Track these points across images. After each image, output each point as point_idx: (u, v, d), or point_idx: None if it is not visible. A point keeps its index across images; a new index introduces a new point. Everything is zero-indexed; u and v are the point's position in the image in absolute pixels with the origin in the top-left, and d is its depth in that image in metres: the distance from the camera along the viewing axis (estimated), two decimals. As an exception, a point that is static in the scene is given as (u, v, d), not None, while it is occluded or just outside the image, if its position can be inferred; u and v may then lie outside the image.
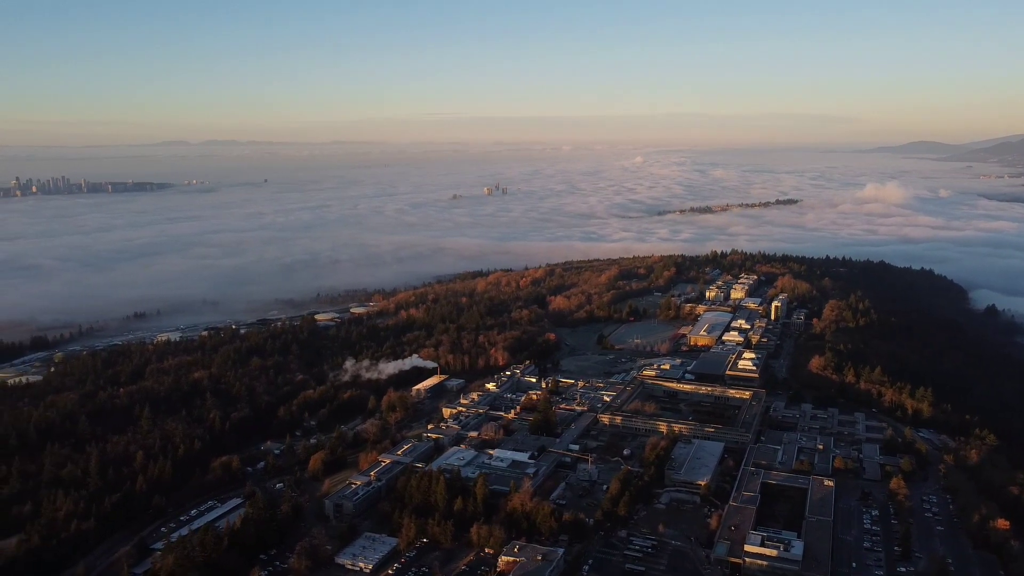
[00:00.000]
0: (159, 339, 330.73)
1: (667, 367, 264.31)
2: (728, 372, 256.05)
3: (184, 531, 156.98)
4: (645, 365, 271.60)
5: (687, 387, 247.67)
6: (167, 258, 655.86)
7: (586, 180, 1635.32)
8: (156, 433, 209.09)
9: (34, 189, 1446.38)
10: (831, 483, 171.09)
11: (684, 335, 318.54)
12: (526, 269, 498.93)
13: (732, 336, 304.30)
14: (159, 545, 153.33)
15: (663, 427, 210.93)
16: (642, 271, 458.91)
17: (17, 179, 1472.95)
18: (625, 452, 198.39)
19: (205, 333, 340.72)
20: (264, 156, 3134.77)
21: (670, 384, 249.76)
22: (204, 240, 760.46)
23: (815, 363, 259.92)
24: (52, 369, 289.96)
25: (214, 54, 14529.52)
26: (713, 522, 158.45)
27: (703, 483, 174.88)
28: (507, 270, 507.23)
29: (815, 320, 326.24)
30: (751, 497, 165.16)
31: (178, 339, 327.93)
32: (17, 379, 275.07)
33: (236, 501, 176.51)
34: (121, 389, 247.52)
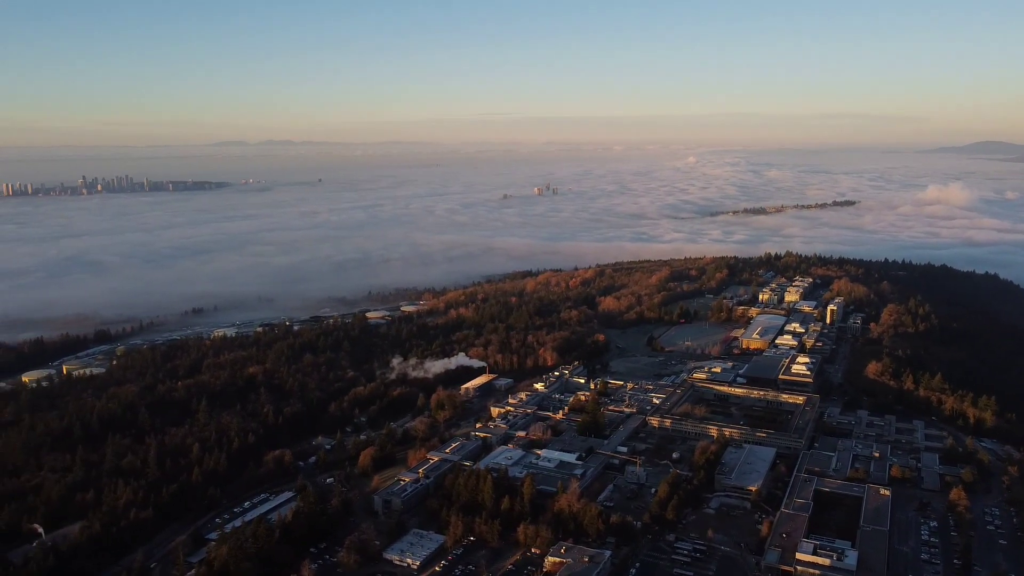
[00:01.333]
0: (216, 334, 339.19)
1: (718, 370, 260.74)
2: (781, 376, 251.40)
3: (238, 522, 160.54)
4: (696, 368, 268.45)
5: (739, 391, 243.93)
6: (224, 255, 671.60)
7: (637, 180, 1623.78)
8: (212, 426, 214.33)
9: (99, 188, 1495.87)
10: (887, 492, 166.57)
11: (736, 338, 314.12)
12: (576, 269, 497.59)
13: (786, 340, 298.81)
14: (213, 535, 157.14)
15: (713, 431, 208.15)
16: (694, 273, 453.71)
17: (84, 178, 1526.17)
18: (674, 455, 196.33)
19: (260, 329, 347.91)
20: (319, 156, 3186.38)
21: (721, 387, 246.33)
22: (259, 238, 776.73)
23: (872, 369, 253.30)
24: (114, 362, 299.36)
25: (272, 57, 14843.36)
26: (764, 529, 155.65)
27: (754, 488, 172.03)
28: (557, 270, 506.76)
29: (872, 325, 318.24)
30: (803, 504, 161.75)
31: (234, 335, 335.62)
32: (82, 371, 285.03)
33: (288, 494, 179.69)
34: (179, 382, 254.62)
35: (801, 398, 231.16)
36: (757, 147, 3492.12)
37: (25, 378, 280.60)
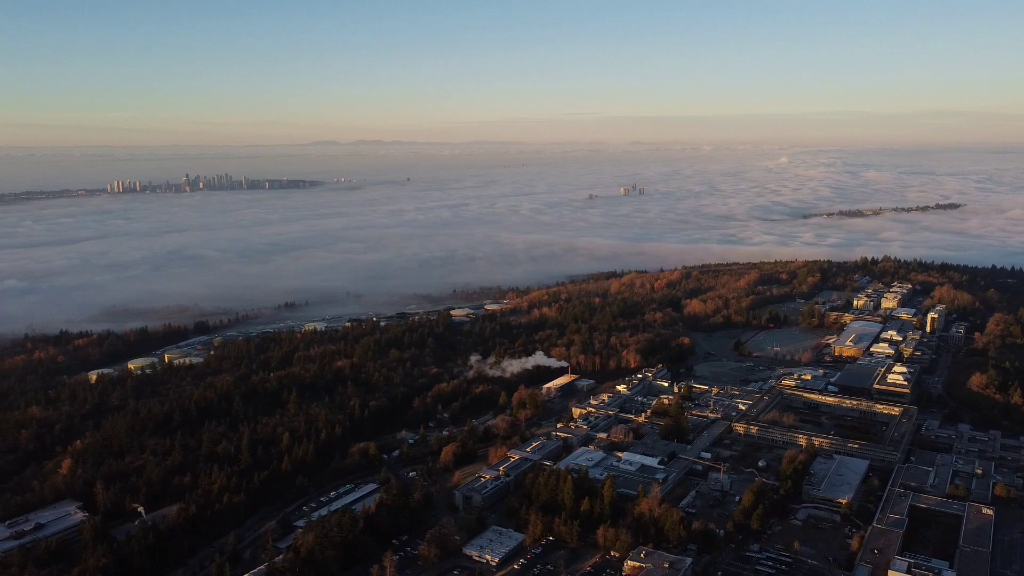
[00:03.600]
0: (306, 328, 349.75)
1: (808, 377, 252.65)
2: (876, 386, 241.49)
3: (324, 511, 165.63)
4: (784, 374, 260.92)
5: (830, 399, 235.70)
6: (315, 252, 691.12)
7: (726, 181, 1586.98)
8: (301, 417, 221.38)
9: (201, 185, 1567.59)
10: (990, 512, 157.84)
11: (828, 345, 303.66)
12: (661, 271, 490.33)
13: (881, 348, 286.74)
14: (301, 523, 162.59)
15: (802, 440, 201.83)
16: (784, 276, 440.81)
17: (187, 176, 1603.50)
18: (760, 463, 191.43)
19: (348, 324, 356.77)
20: (408, 155, 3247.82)
21: (811, 395, 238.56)
22: (349, 235, 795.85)
23: (976, 381, 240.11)
24: (212, 352, 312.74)
25: (364, 60, 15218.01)
26: (854, 543, 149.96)
27: (844, 501, 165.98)
28: (641, 271, 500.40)
29: (977, 334, 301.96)
30: (897, 520, 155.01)
31: (323, 329, 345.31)
32: (182, 360, 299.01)
33: (371, 486, 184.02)
34: (271, 374, 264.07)
35: (897, 409, 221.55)
36: (854, 147, 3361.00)
37: (131, 365, 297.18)
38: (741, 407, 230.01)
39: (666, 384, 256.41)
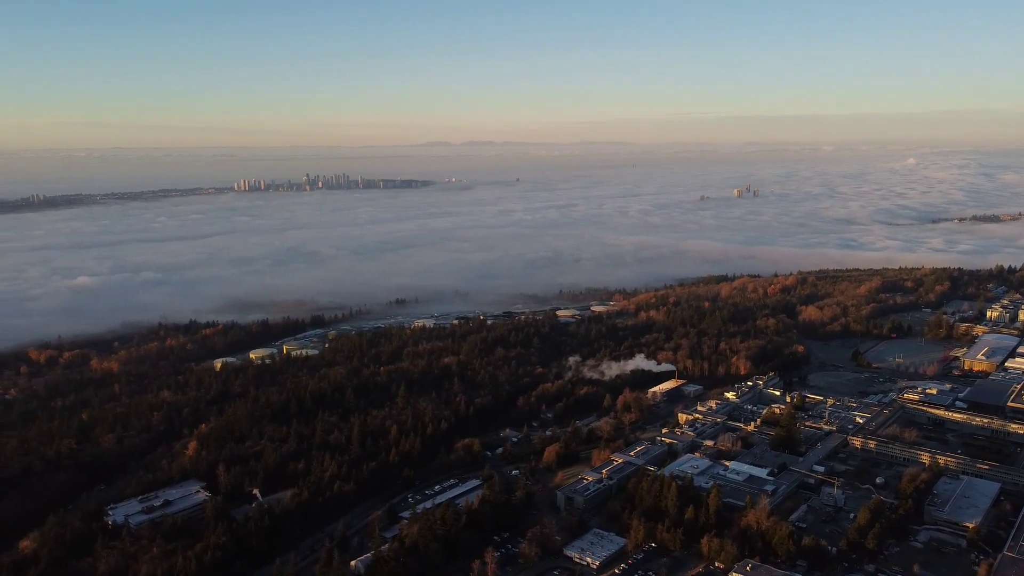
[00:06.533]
0: (415, 324, 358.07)
1: (933, 392, 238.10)
2: (1011, 404, 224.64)
3: (428, 504, 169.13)
4: (907, 388, 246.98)
5: (957, 416, 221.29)
6: (425, 250, 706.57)
7: (848, 183, 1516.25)
8: (409, 411, 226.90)
9: (320, 184, 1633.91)
10: None
11: (956, 358, 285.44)
12: (775, 276, 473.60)
13: (1018, 363, 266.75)
14: (406, 514, 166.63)
15: (925, 458, 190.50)
16: (909, 284, 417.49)
17: (307, 176, 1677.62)
18: (878, 480, 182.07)
19: (456, 322, 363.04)
20: (517, 156, 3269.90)
21: (937, 411, 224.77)
22: (458, 235, 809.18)
23: None
24: (326, 345, 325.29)
25: (476, 60, 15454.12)
26: (981, 571, 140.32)
27: (971, 525, 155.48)
28: (754, 276, 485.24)
29: None
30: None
31: (432, 326, 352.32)
32: (299, 351, 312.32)
33: (474, 482, 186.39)
34: (382, 368, 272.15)
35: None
36: (991, 147, 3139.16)
37: (252, 355, 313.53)
38: (858, 420, 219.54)
39: (778, 393, 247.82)
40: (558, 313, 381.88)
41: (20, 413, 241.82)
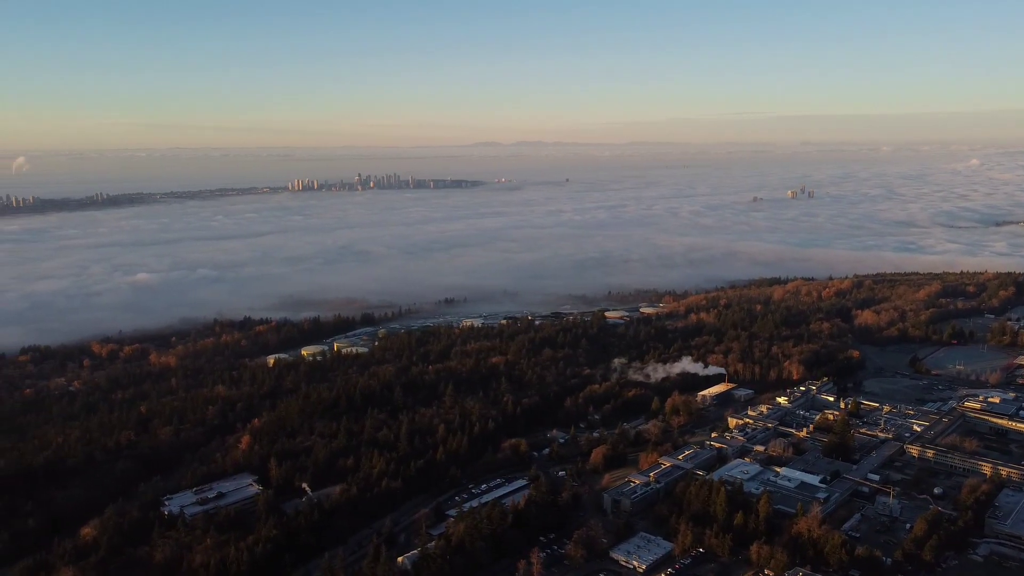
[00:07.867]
0: (464, 324, 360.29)
1: (996, 400, 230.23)
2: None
3: (475, 503, 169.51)
4: (968, 396, 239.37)
5: (1021, 426, 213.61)
6: (474, 250, 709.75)
7: (907, 184, 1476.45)
8: (456, 410, 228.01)
9: (372, 184, 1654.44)
10: None
11: (1021, 366, 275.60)
12: (830, 279, 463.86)
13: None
14: (453, 512, 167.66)
15: (987, 468, 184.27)
16: (971, 289, 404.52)
17: (359, 175, 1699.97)
18: (936, 491, 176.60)
19: (504, 322, 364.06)
20: (567, 156, 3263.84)
21: (999, 420, 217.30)
22: (507, 235, 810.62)
23: None
24: (376, 343, 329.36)
25: (526, 61, 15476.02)
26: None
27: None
28: (808, 278, 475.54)
29: None
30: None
31: (480, 325, 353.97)
32: (349, 349, 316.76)
33: (521, 482, 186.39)
34: (430, 366, 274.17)
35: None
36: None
37: (304, 352, 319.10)
38: (916, 428, 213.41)
39: (831, 399, 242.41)
40: (607, 314, 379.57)
41: (83, 404, 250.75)
